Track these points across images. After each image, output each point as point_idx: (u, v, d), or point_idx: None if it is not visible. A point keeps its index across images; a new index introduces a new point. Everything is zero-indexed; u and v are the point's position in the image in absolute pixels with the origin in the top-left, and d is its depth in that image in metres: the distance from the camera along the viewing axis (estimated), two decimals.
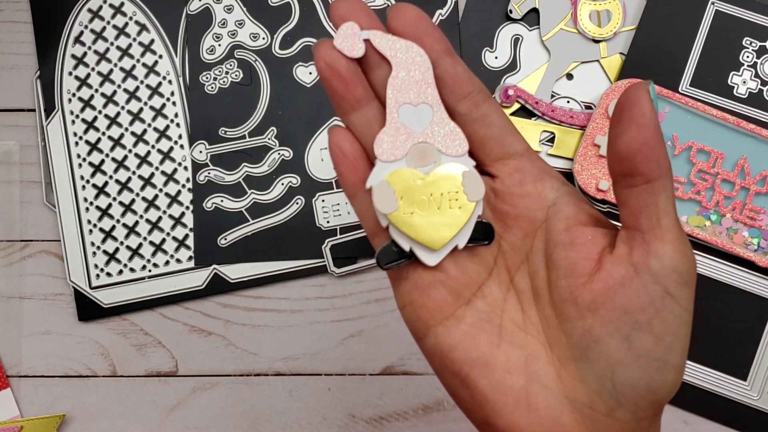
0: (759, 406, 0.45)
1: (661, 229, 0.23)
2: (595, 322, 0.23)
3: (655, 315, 0.22)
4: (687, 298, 0.23)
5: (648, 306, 0.22)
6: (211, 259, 0.47)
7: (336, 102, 0.25)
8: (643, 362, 0.23)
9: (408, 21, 0.24)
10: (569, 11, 0.48)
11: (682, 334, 0.23)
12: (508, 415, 0.24)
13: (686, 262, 0.22)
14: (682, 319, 0.23)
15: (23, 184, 0.48)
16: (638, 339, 0.22)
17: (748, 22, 0.46)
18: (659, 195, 0.23)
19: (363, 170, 0.25)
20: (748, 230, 0.45)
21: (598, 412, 0.23)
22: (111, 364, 0.47)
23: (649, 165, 0.22)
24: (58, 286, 0.47)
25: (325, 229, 0.47)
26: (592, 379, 0.23)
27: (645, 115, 0.22)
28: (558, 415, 0.24)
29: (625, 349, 0.23)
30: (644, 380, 0.23)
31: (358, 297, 0.47)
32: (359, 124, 0.25)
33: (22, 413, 0.46)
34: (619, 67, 0.47)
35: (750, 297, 0.45)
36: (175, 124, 0.48)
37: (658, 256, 0.22)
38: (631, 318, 0.23)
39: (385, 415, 0.46)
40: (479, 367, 0.24)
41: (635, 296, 0.22)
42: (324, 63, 0.24)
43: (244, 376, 0.47)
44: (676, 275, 0.22)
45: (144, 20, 0.48)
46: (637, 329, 0.22)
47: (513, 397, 0.24)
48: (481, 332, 0.25)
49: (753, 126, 0.45)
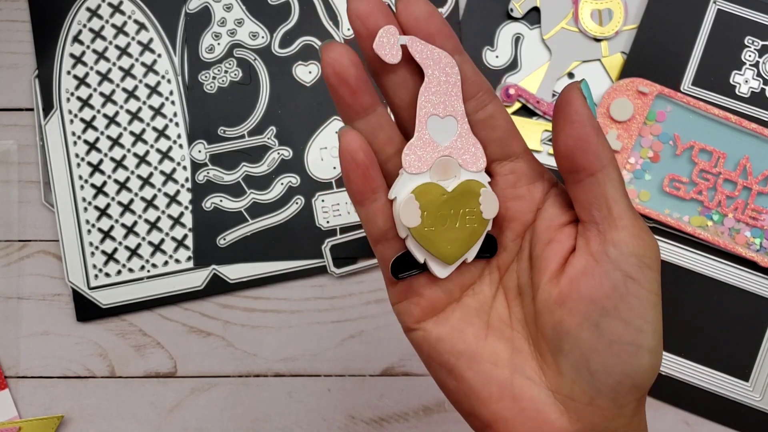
0: (761, 407, 0.44)
1: (612, 217, 0.23)
2: (564, 314, 0.24)
3: (620, 300, 0.23)
4: (651, 280, 0.23)
5: (612, 292, 0.23)
6: (210, 260, 0.47)
7: (341, 109, 0.24)
8: (616, 348, 0.23)
9: (419, 16, 0.23)
10: (570, 10, 0.47)
11: (651, 317, 0.23)
12: (493, 405, 0.25)
13: (643, 246, 0.23)
14: (649, 301, 0.23)
15: (21, 184, 0.48)
16: (607, 325, 0.23)
17: (750, 21, 0.46)
18: (605, 185, 0.23)
19: (374, 179, 0.24)
20: (750, 230, 0.45)
21: (580, 401, 0.24)
22: (109, 365, 0.47)
23: (588, 158, 0.23)
24: (56, 287, 0.47)
25: (325, 229, 0.47)
26: (569, 370, 0.24)
27: (578, 111, 0.23)
28: (542, 406, 0.24)
29: (596, 337, 0.23)
30: (619, 365, 0.23)
31: (358, 297, 0.47)
32: (364, 131, 0.24)
33: (21, 414, 0.46)
34: (621, 66, 0.47)
35: (752, 297, 0.45)
36: (174, 123, 0.48)
37: (614, 243, 0.23)
38: (598, 305, 0.23)
39: (385, 416, 0.46)
40: (465, 358, 0.25)
41: (598, 284, 0.23)
42: (332, 70, 0.23)
43: (244, 377, 0.46)
44: (634, 259, 0.23)
45: (143, 19, 0.48)
46: (605, 316, 0.23)
47: (498, 388, 0.25)
48: (468, 326, 0.26)
49: (755, 125, 0.45)
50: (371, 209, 0.25)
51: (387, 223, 0.25)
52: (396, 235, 0.25)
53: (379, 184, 0.24)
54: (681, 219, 0.45)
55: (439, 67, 0.24)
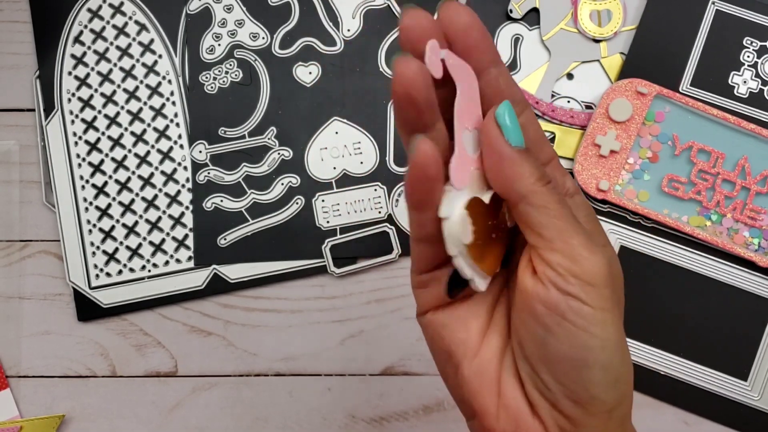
0: (759, 406, 0.45)
1: (545, 241, 0.23)
2: (519, 324, 0.25)
3: (562, 318, 0.23)
4: (595, 297, 0.23)
5: (554, 309, 0.23)
6: (210, 259, 0.47)
7: (402, 124, 0.24)
8: (563, 365, 0.23)
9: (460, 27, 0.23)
10: (569, 11, 0.47)
11: (599, 333, 0.23)
12: (480, 397, 0.26)
13: (580, 266, 0.23)
14: (595, 318, 0.23)
15: (23, 184, 0.48)
16: (552, 343, 0.23)
17: (748, 22, 0.46)
18: (528, 214, 0.24)
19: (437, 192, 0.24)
20: (748, 230, 0.45)
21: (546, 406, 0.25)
22: (110, 365, 0.47)
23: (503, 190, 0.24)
24: (57, 287, 0.47)
25: (325, 229, 0.47)
26: (526, 377, 0.25)
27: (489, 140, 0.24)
28: (521, 405, 0.25)
29: (543, 352, 0.24)
30: (568, 380, 0.24)
31: (358, 297, 0.47)
32: None
33: (22, 413, 0.46)
34: (620, 66, 0.47)
35: (751, 297, 0.45)
36: (174, 123, 0.48)
37: (550, 265, 0.23)
38: (541, 322, 0.24)
39: (385, 415, 0.46)
40: (464, 348, 0.26)
41: (540, 301, 0.24)
42: (403, 89, 0.22)
43: (244, 376, 0.47)
44: (573, 279, 0.23)
45: (143, 20, 0.48)
46: (549, 333, 0.23)
47: (488, 382, 0.26)
48: (473, 318, 0.26)
49: (753, 126, 0.45)
50: (426, 216, 0.24)
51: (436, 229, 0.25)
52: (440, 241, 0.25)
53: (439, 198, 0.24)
54: (680, 219, 0.45)
55: (468, 80, 0.24)
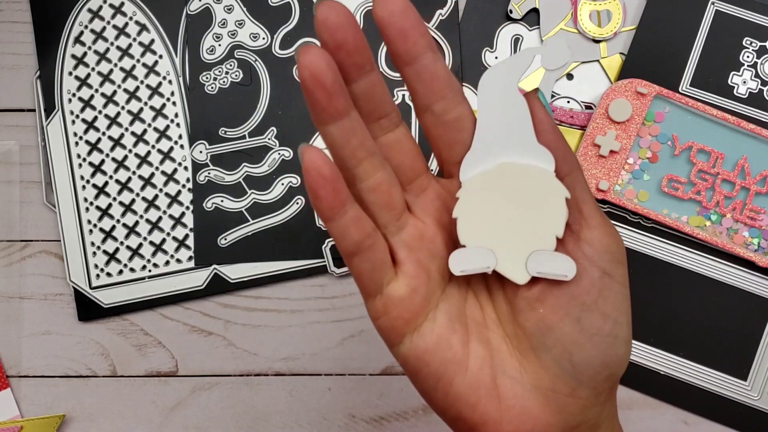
0: (759, 406, 0.45)
1: (584, 217, 0.25)
2: (546, 311, 0.25)
3: (598, 295, 0.24)
4: (622, 274, 0.25)
5: (591, 287, 0.24)
6: (211, 259, 0.47)
7: (316, 112, 0.24)
8: (597, 340, 0.24)
9: (394, 11, 0.23)
10: (569, 11, 0.48)
11: (624, 309, 0.25)
12: (480, 408, 0.25)
13: (614, 242, 0.25)
14: (623, 294, 0.25)
15: (23, 184, 0.48)
16: (588, 319, 0.24)
17: (748, 22, 0.46)
18: (574, 188, 0.25)
19: (342, 192, 0.23)
20: (748, 230, 0.45)
21: (561, 393, 0.25)
22: (111, 364, 0.47)
23: (557, 164, 0.25)
24: (58, 286, 0.47)
25: (325, 229, 0.47)
26: (552, 364, 0.25)
27: (542, 120, 0.25)
28: (525, 402, 0.25)
29: (578, 331, 0.24)
30: (599, 357, 0.25)
31: (358, 297, 0.47)
32: (337, 135, 0.24)
33: (22, 413, 0.46)
34: (620, 67, 0.47)
35: (750, 297, 0.45)
36: (175, 124, 0.48)
37: (589, 242, 0.25)
38: (579, 301, 0.24)
39: (385, 415, 0.46)
40: (454, 365, 0.25)
41: (578, 280, 0.24)
42: (309, 73, 0.22)
43: (244, 376, 0.47)
44: (609, 255, 0.24)
45: (144, 20, 0.48)
46: (585, 311, 0.24)
47: (485, 390, 0.25)
48: (452, 333, 0.26)
49: (753, 126, 0.45)
50: (342, 223, 0.24)
51: (360, 233, 0.24)
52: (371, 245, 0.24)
53: (347, 196, 0.23)
54: (679, 219, 0.45)
55: None
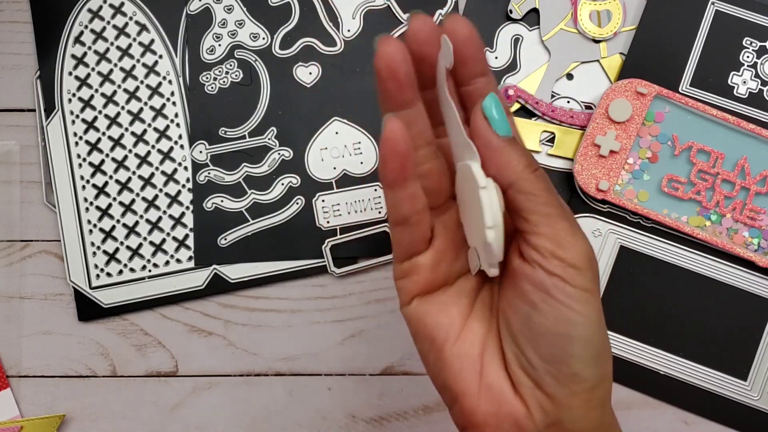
0: (759, 406, 0.45)
1: (530, 225, 0.25)
2: (505, 305, 0.27)
3: (546, 295, 0.25)
4: (578, 277, 0.25)
5: (538, 287, 0.25)
6: (211, 259, 0.47)
7: (385, 99, 0.26)
8: (546, 339, 0.25)
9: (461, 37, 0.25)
10: (569, 11, 0.48)
11: (582, 310, 0.25)
12: (461, 379, 0.27)
13: (563, 250, 0.25)
14: (579, 296, 0.25)
15: (23, 184, 0.48)
16: (537, 318, 0.25)
17: (748, 22, 0.46)
18: (517, 198, 0.25)
19: (408, 168, 0.26)
20: (748, 230, 0.45)
21: (529, 384, 0.26)
22: (111, 364, 0.47)
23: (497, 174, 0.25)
24: (58, 286, 0.47)
25: (325, 229, 0.47)
26: (511, 356, 0.27)
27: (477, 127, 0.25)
28: (503, 385, 0.27)
29: (527, 328, 0.26)
30: (551, 355, 0.25)
31: (358, 297, 0.47)
32: None
33: (22, 413, 0.46)
34: (620, 67, 0.47)
35: (750, 297, 0.45)
36: (175, 124, 0.48)
37: (535, 248, 0.25)
38: (527, 299, 0.26)
39: (385, 415, 0.46)
40: (446, 332, 0.27)
41: (526, 280, 0.26)
42: (385, 63, 0.24)
43: (244, 376, 0.47)
44: (556, 261, 0.25)
45: (144, 20, 0.48)
46: (534, 309, 0.25)
47: (469, 363, 0.27)
48: (454, 305, 0.28)
49: (753, 126, 0.45)
50: (400, 195, 0.26)
51: (411, 209, 0.26)
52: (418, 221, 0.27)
53: (411, 173, 0.26)
54: (679, 219, 0.45)
55: None
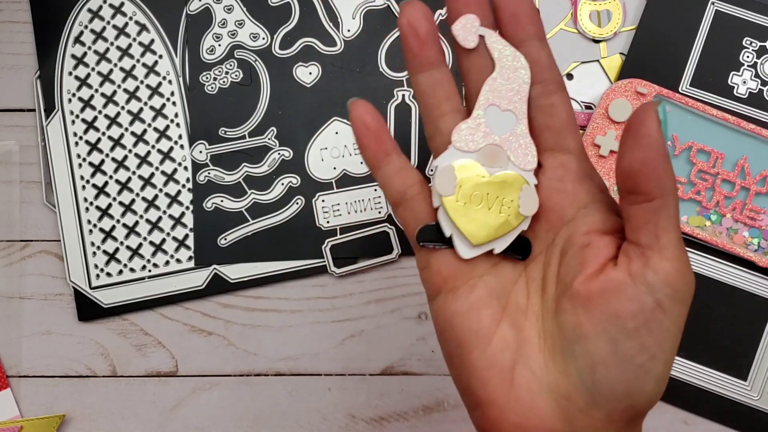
0: (759, 406, 0.45)
1: (659, 245, 0.23)
2: (586, 320, 0.24)
3: (643, 324, 0.23)
4: (678, 314, 0.23)
5: (638, 314, 0.23)
6: (211, 259, 0.47)
7: (408, 60, 0.26)
8: (625, 367, 0.23)
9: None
10: (569, 11, 0.48)
11: (667, 347, 0.24)
12: (490, 388, 0.25)
13: (682, 280, 0.23)
14: (671, 332, 0.23)
15: (23, 185, 0.48)
16: (623, 344, 0.23)
17: (748, 22, 0.46)
18: (659, 213, 0.23)
19: (385, 142, 0.26)
20: (748, 230, 0.45)
21: (575, 405, 0.24)
22: (111, 364, 0.47)
23: (649, 184, 0.23)
24: (58, 286, 0.47)
25: (325, 229, 0.47)
26: (573, 373, 0.24)
27: (650, 135, 0.22)
28: (537, 399, 0.25)
29: (609, 351, 0.24)
30: (622, 384, 0.24)
31: (358, 297, 0.47)
32: (425, 84, 0.26)
33: (22, 413, 0.46)
34: (619, 67, 0.47)
35: (750, 297, 0.45)
36: (175, 124, 0.48)
37: (655, 270, 0.23)
38: (620, 323, 0.23)
39: (385, 415, 0.46)
40: (476, 337, 0.26)
41: (627, 303, 0.23)
42: (406, 20, 0.25)
43: (244, 376, 0.47)
44: (669, 290, 0.23)
45: (144, 20, 0.48)
46: (624, 334, 0.23)
47: (500, 372, 0.25)
48: (486, 307, 0.26)
49: (753, 126, 0.45)
50: (386, 171, 0.26)
51: (403, 183, 0.26)
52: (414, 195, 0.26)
53: (391, 147, 0.26)
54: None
55: (512, 66, 0.25)
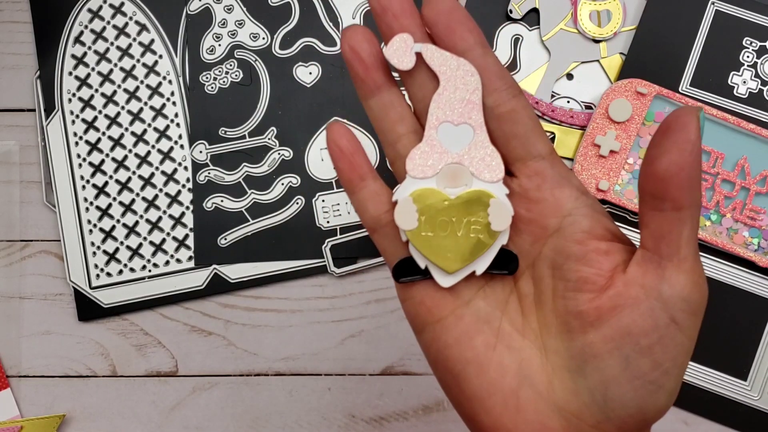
0: (759, 406, 0.45)
1: (679, 257, 0.22)
2: (596, 338, 0.23)
3: (657, 341, 0.22)
4: (692, 327, 0.23)
5: (652, 331, 0.22)
6: (211, 259, 0.47)
7: (357, 85, 0.25)
8: (638, 384, 0.23)
9: (441, 10, 0.24)
10: (569, 11, 0.48)
11: (680, 362, 0.23)
12: (495, 414, 0.24)
13: (698, 293, 0.23)
14: (684, 347, 0.23)
15: (23, 185, 0.48)
16: (637, 361, 0.23)
17: (748, 22, 0.46)
18: (685, 224, 0.22)
19: (360, 166, 0.25)
20: (748, 230, 0.45)
21: (585, 423, 0.24)
22: (111, 364, 0.47)
23: (681, 192, 0.22)
24: (58, 286, 0.47)
25: (325, 229, 0.47)
26: (584, 392, 0.24)
27: (690, 141, 0.21)
28: (545, 419, 0.24)
29: (622, 368, 0.23)
30: (635, 401, 0.23)
31: (358, 297, 0.47)
32: (376, 109, 0.25)
33: (22, 413, 0.46)
34: (619, 67, 0.47)
35: (750, 297, 0.45)
36: (175, 124, 0.48)
37: (671, 284, 0.22)
38: (634, 340, 0.23)
39: (385, 415, 0.46)
40: (473, 366, 0.25)
41: (641, 320, 0.22)
42: (348, 46, 0.24)
43: (244, 376, 0.47)
44: (685, 305, 0.22)
45: (144, 20, 0.48)
46: (637, 352, 0.23)
47: (503, 398, 0.24)
48: (478, 333, 0.25)
49: (753, 126, 0.45)
50: (361, 196, 0.25)
51: (377, 209, 0.25)
52: (389, 222, 0.25)
53: (367, 171, 0.25)
54: None
55: (456, 75, 0.24)
